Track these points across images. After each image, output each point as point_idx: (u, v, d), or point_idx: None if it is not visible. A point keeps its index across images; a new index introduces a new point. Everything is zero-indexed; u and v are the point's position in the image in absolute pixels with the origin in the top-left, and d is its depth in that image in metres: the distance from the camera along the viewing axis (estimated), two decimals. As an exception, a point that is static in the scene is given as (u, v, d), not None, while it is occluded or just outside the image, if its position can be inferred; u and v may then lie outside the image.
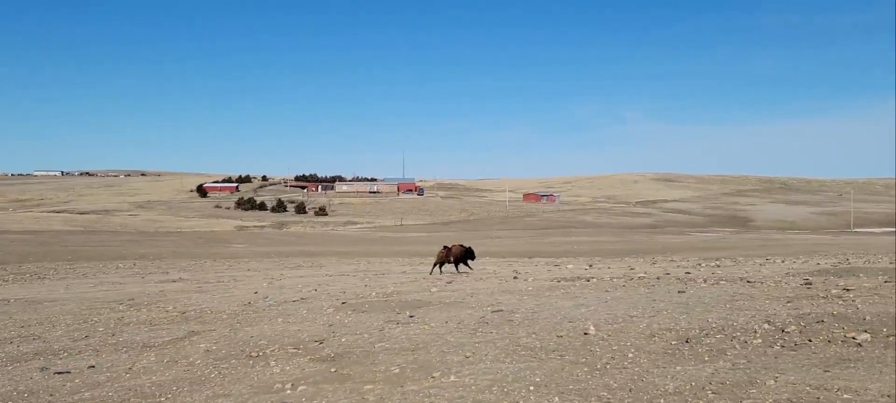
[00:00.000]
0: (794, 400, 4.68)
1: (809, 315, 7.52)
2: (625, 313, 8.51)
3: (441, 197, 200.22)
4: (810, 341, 6.47)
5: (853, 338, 6.40)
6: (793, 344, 6.38)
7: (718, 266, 19.72)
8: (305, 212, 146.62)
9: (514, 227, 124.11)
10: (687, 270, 16.91)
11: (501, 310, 9.45)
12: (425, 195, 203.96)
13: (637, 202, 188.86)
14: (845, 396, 4.70)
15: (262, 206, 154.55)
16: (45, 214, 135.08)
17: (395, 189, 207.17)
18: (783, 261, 22.52)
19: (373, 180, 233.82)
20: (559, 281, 13.21)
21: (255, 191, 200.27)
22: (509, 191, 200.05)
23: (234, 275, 20.44)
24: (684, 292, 10.20)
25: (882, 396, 4.67)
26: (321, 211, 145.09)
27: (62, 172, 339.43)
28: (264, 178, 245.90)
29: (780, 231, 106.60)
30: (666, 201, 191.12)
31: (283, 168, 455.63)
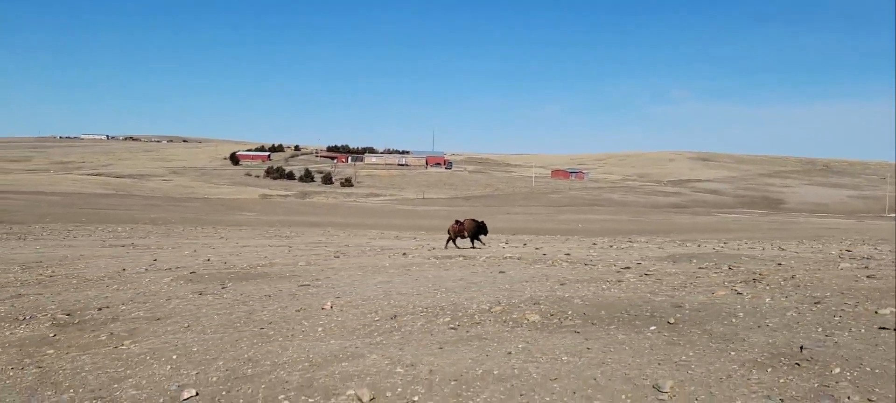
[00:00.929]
0: (374, 372, 5.04)
1: (549, 297, 7.70)
2: (415, 290, 8.79)
3: (469, 171, 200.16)
4: (499, 321, 6.63)
5: (526, 319, 6.63)
6: (473, 324, 6.61)
7: (660, 247, 19.68)
8: (332, 183, 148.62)
9: (536, 203, 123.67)
10: (611, 250, 16.97)
11: (309, 285, 9.80)
12: (453, 169, 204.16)
13: (669, 181, 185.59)
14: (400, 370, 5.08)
15: (290, 176, 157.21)
16: (83, 177, 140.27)
17: (424, 162, 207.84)
18: (737, 244, 22.22)
19: (403, 153, 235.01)
20: (441, 259, 13.53)
21: (286, 160, 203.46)
22: (536, 166, 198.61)
23: (201, 243, 21.23)
24: (504, 272, 10.48)
25: (433, 373, 4.97)
26: (347, 182, 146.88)
27: (108, 136, 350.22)
28: (297, 148, 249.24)
29: (810, 213, 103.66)
30: (699, 180, 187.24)
31: (318, 138, 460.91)
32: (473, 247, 18.28)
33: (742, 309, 6.76)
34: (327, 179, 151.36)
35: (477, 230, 18.82)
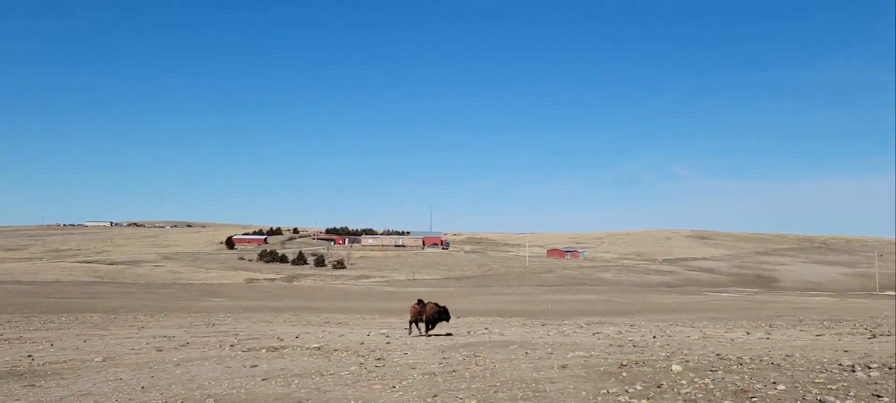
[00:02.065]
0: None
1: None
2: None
3: (465, 251, 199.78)
4: None
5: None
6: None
7: (580, 328, 19.33)
8: (324, 265, 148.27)
9: (527, 283, 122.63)
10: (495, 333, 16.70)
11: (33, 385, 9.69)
12: (450, 249, 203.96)
13: (664, 259, 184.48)
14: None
15: (283, 259, 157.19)
16: (73, 264, 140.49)
17: (421, 243, 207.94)
18: (675, 328, 21.77)
19: (402, 234, 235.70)
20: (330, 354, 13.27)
21: (282, 243, 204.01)
22: (531, 246, 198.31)
23: (101, 334, 20.99)
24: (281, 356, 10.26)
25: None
26: (339, 265, 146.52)
27: (111, 223, 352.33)
28: (295, 231, 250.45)
29: (801, 292, 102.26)
30: (695, 259, 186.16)
31: (320, 220, 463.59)
32: (425, 334, 17.44)
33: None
34: (320, 262, 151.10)
35: (438, 316, 18.01)
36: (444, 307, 18.21)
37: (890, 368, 7.76)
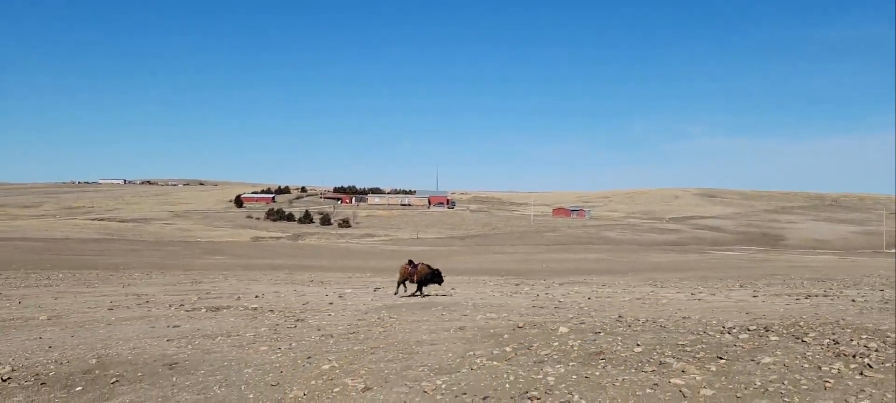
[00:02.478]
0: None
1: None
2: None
3: (471, 210, 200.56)
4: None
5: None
6: None
7: (559, 286, 19.86)
8: (329, 224, 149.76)
9: (530, 243, 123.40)
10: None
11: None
12: (456, 208, 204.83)
13: (670, 218, 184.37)
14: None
15: (289, 217, 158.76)
16: (85, 221, 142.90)
17: (427, 202, 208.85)
18: (659, 287, 22.27)
19: (408, 193, 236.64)
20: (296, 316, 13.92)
21: (290, 202, 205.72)
22: (536, 205, 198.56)
23: (87, 292, 21.81)
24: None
25: None
26: (344, 223, 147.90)
27: (125, 181, 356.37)
28: (303, 189, 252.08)
29: (805, 251, 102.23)
30: (702, 217, 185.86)
31: (329, 179, 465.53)
32: (418, 294, 17.05)
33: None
34: (325, 221, 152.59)
35: (429, 278, 17.41)
36: (436, 269, 17.67)
37: (767, 329, 8.15)
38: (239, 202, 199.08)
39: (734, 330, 7.91)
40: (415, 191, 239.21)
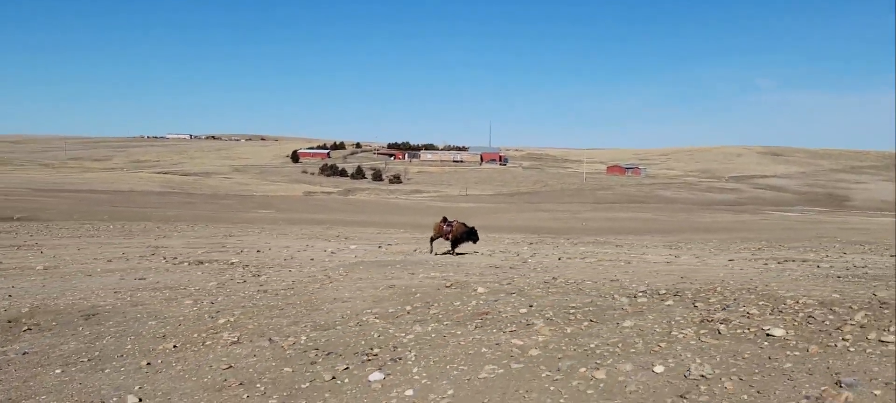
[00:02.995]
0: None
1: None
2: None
3: (523, 167, 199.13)
4: None
5: None
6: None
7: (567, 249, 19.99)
8: (381, 180, 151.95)
9: (580, 200, 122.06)
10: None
11: None
12: (509, 165, 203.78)
13: (730, 177, 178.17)
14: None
15: (343, 173, 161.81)
16: (151, 175, 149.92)
17: (479, 158, 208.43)
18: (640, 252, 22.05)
19: (460, 149, 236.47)
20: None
21: (344, 158, 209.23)
22: (591, 162, 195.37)
23: (115, 244, 23.28)
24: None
25: None
26: (395, 179, 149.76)
27: (191, 135, 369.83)
28: (358, 145, 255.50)
29: (870, 212, 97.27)
30: (764, 176, 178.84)
31: (383, 135, 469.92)
32: (453, 253, 16.68)
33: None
34: (377, 176, 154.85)
35: (464, 236, 16.95)
36: (472, 227, 17.19)
37: (677, 293, 7.75)
38: (295, 157, 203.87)
39: (640, 295, 7.80)
40: (467, 148, 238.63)
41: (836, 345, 5.33)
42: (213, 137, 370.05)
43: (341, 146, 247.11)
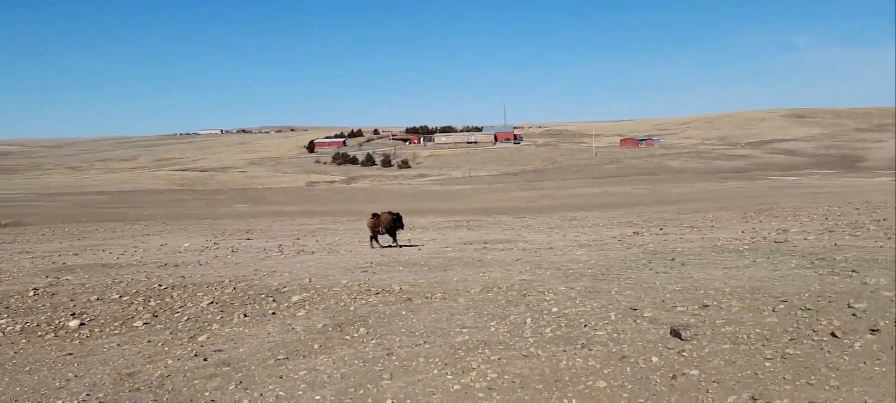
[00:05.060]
0: None
1: None
2: None
3: (537, 145, 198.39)
4: None
5: None
6: None
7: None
8: (391, 165, 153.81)
9: (583, 176, 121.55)
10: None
11: None
12: (522, 143, 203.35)
13: (747, 143, 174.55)
14: None
15: (353, 160, 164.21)
16: (169, 173, 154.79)
17: (493, 138, 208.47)
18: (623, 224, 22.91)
19: (476, 130, 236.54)
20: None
21: (360, 145, 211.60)
22: (604, 135, 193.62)
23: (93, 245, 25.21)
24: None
25: None
26: (404, 164, 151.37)
27: (222, 131, 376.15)
28: (375, 132, 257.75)
29: (881, 173, 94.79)
30: (782, 140, 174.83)
31: (404, 120, 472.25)
32: (395, 244, 17.56)
33: None
34: (386, 162, 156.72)
35: (393, 224, 17.55)
36: (396, 214, 17.78)
37: (560, 268, 8.88)
38: (311, 147, 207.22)
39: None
40: (481, 128, 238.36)
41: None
42: (244, 131, 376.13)
43: (359, 133, 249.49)
